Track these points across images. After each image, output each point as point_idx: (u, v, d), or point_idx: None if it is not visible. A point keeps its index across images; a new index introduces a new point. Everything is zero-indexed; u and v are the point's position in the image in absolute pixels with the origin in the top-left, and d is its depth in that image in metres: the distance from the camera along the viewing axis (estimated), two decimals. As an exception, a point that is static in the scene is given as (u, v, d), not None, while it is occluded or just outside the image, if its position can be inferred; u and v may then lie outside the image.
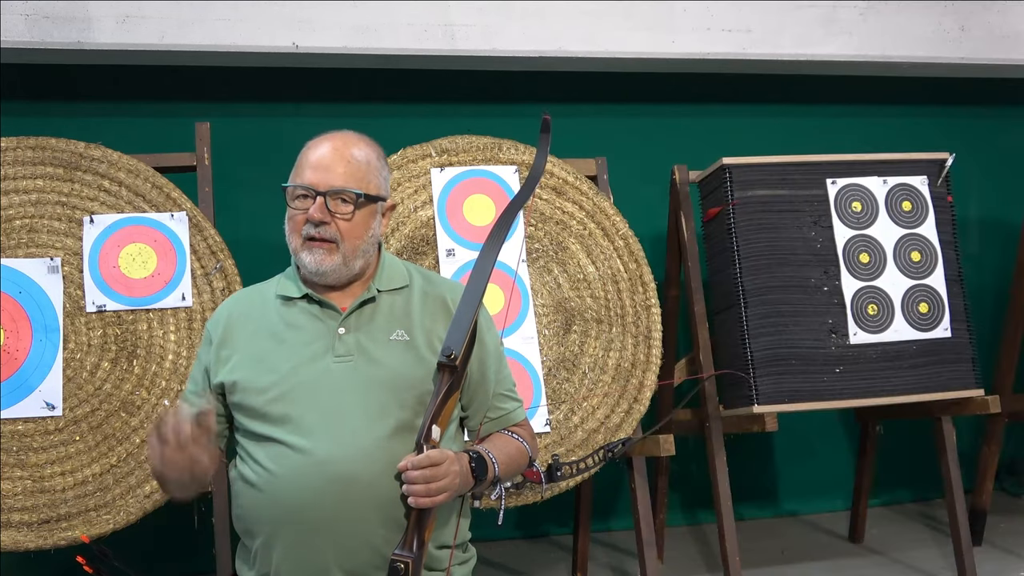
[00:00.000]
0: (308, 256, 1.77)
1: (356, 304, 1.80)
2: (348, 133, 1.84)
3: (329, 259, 1.77)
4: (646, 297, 2.92)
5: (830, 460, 4.13)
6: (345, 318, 1.78)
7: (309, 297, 1.81)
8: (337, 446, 1.67)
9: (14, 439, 2.50)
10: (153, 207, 2.72)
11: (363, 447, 1.68)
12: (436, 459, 1.62)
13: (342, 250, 1.77)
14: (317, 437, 1.68)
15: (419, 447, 1.63)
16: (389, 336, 1.78)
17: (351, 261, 1.79)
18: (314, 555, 1.66)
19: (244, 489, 1.75)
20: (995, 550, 3.47)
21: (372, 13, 3.39)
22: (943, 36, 3.87)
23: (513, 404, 1.93)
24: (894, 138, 3.80)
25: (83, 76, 3.46)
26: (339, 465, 1.66)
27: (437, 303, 1.86)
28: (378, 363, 1.75)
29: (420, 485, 1.60)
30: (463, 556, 1.85)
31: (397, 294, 1.85)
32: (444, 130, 2.98)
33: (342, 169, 1.77)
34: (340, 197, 1.76)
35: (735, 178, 3.02)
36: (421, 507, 1.60)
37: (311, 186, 1.76)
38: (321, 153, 1.79)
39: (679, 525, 3.96)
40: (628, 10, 3.60)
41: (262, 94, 3.65)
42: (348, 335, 1.77)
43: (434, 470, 1.61)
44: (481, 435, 1.88)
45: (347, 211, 1.76)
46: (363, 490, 1.66)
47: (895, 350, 3.02)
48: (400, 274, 1.89)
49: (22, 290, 2.59)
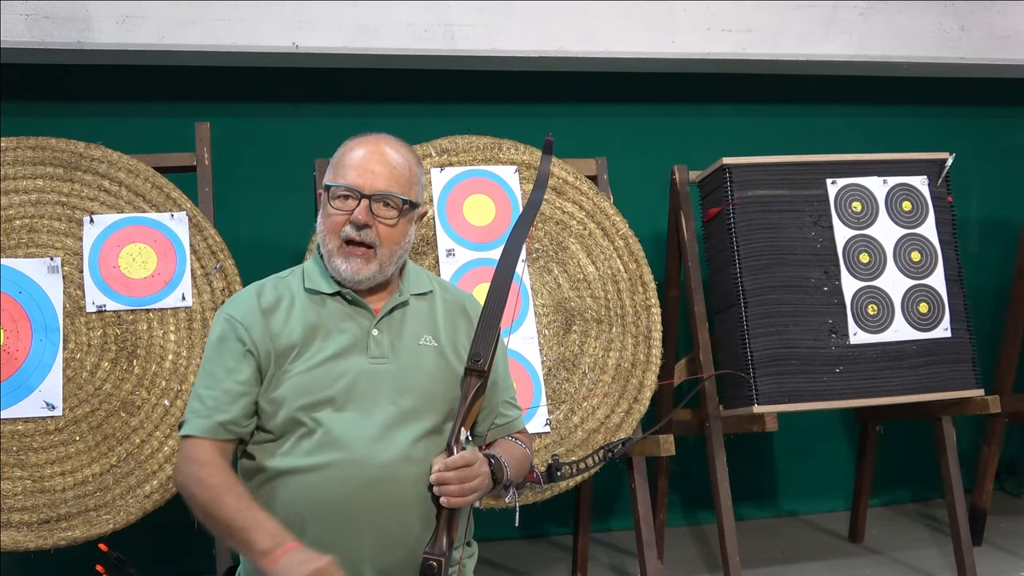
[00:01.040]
0: (344, 264, 1.76)
1: (388, 308, 1.81)
2: (389, 137, 1.83)
3: (366, 268, 1.76)
4: (646, 297, 2.92)
5: (830, 460, 4.13)
6: (379, 320, 1.79)
7: (341, 295, 1.81)
8: (375, 445, 1.69)
9: (14, 439, 2.50)
10: (153, 207, 2.72)
11: (399, 447, 1.70)
12: (470, 459, 1.67)
13: (379, 256, 1.77)
14: (355, 435, 1.69)
15: (450, 449, 1.68)
16: (419, 341, 1.80)
17: (387, 267, 1.79)
18: (348, 552, 1.66)
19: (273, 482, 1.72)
20: (995, 550, 3.47)
21: (372, 13, 3.39)
22: (943, 36, 3.87)
23: (516, 412, 1.98)
24: (894, 138, 3.80)
25: (83, 76, 3.46)
26: (377, 464, 1.68)
27: (457, 311, 1.89)
28: (411, 367, 1.77)
29: (455, 485, 1.64)
30: (469, 551, 1.88)
31: (423, 299, 1.87)
32: (444, 130, 2.98)
33: (387, 173, 1.76)
34: (384, 201, 1.76)
35: (735, 178, 3.02)
36: (454, 507, 1.65)
37: (357, 188, 1.74)
38: (365, 155, 1.77)
39: (679, 525, 3.96)
40: (628, 10, 3.60)
41: (262, 94, 3.65)
42: (382, 336, 1.78)
43: (468, 470, 1.66)
44: (488, 440, 1.91)
45: (391, 216, 1.76)
46: (400, 490, 1.68)
47: (895, 350, 3.02)
48: (423, 280, 1.91)
49: (22, 290, 2.59)
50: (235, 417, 1.72)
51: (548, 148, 2.07)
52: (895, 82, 4.10)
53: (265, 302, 1.79)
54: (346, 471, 1.67)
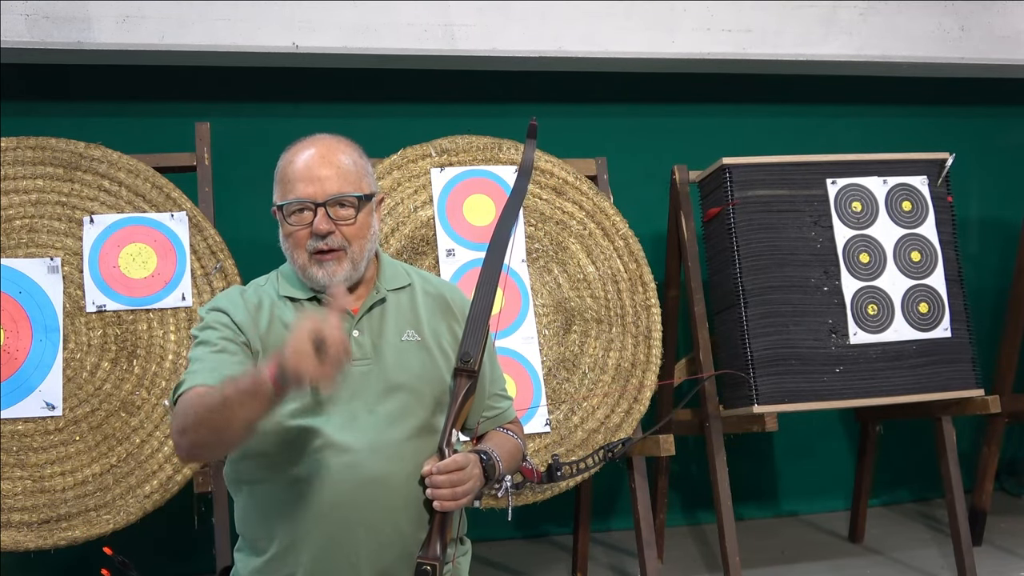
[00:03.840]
0: (319, 271, 1.73)
1: (367, 306, 1.79)
2: (324, 137, 1.80)
3: (339, 269, 1.73)
4: (646, 297, 2.92)
5: (830, 460, 4.13)
6: (358, 320, 1.77)
7: (317, 300, 1.79)
8: (365, 448, 1.68)
9: (14, 439, 2.50)
10: (153, 207, 2.72)
11: (391, 448, 1.69)
12: (462, 463, 1.64)
13: (351, 255, 1.74)
14: (345, 439, 1.68)
15: (441, 452, 1.66)
16: (401, 337, 1.78)
17: (359, 263, 1.77)
18: (346, 555, 1.66)
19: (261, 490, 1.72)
20: (995, 550, 3.47)
21: (372, 13, 3.39)
22: (943, 36, 3.87)
23: (506, 403, 1.96)
24: (894, 138, 3.79)
25: (83, 76, 3.46)
26: (368, 467, 1.66)
27: (438, 302, 1.87)
28: (395, 365, 1.75)
29: (447, 489, 1.62)
30: (463, 548, 1.87)
31: (401, 293, 1.85)
32: (444, 130, 2.98)
33: (335, 174, 1.73)
34: (339, 203, 1.73)
35: (735, 178, 3.02)
36: (447, 510, 1.63)
37: (309, 199, 1.72)
38: (307, 162, 1.74)
39: (679, 525, 3.95)
40: (628, 10, 3.60)
41: (262, 94, 3.65)
42: (363, 337, 1.76)
43: (460, 474, 1.63)
44: (478, 433, 1.90)
45: (349, 216, 1.73)
46: (394, 490, 1.67)
47: (895, 350, 3.02)
48: (400, 273, 1.88)
49: (22, 290, 2.59)
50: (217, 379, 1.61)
51: (532, 132, 2.02)
52: (895, 82, 4.10)
53: (250, 302, 1.78)
54: (337, 475, 1.66)
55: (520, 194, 2.00)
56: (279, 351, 1.43)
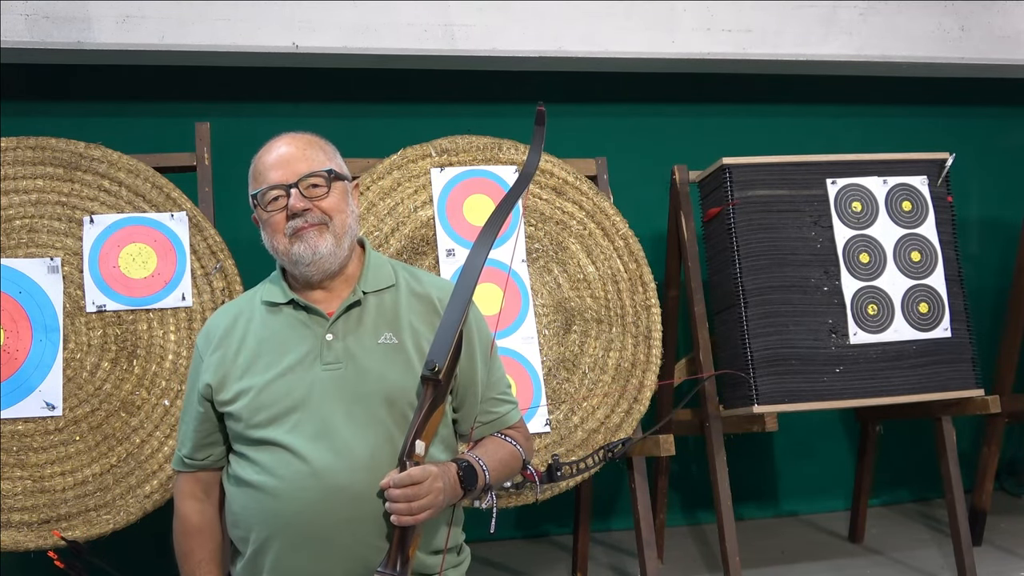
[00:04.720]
0: (300, 245, 1.74)
1: (343, 308, 1.77)
2: (291, 132, 1.84)
3: (321, 241, 1.74)
4: (646, 297, 2.92)
5: (830, 460, 4.13)
6: (332, 323, 1.76)
7: (295, 303, 1.78)
8: (331, 456, 1.66)
9: (14, 439, 2.50)
10: (153, 207, 2.72)
11: (356, 457, 1.66)
12: (417, 477, 1.58)
13: (332, 228, 1.76)
14: (311, 447, 1.66)
15: (402, 464, 1.61)
16: (377, 340, 1.75)
17: (342, 239, 1.77)
18: (306, 564, 1.65)
19: (238, 492, 1.74)
20: (995, 550, 3.47)
21: (372, 13, 3.39)
22: (943, 36, 3.87)
23: (506, 407, 1.90)
24: (894, 138, 3.80)
25: (83, 76, 3.46)
26: (334, 475, 1.64)
27: (424, 302, 1.82)
28: (367, 370, 1.72)
29: (402, 504, 1.57)
30: (456, 560, 1.83)
31: (384, 294, 1.81)
32: (444, 130, 2.98)
33: (301, 155, 1.78)
34: (311, 182, 1.76)
35: (735, 178, 3.02)
36: (403, 525, 1.58)
37: (280, 183, 1.75)
38: (276, 152, 1.79)
39: (679, 525, 3.96)
40: (628, 10, 3.60)
41: (262, 94, 3.65)
42: (336, 341, 1.74)
43: (415, 488, 1.58)
44: (473, 439, 1.86)
45: (322, 191, 1.77)
46: (357, 501, 1.64)
47: (895, 350, 3.02)
48: (386, 274, 1.85)
49: (22, 290, 2.59)
50: (190, 451, 1.83)
51: (540, 119, 1.97)
52: (895, 82, 4.10)
53: (226, 325, 1.83)
54: (300, 484, 1.64)
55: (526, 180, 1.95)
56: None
